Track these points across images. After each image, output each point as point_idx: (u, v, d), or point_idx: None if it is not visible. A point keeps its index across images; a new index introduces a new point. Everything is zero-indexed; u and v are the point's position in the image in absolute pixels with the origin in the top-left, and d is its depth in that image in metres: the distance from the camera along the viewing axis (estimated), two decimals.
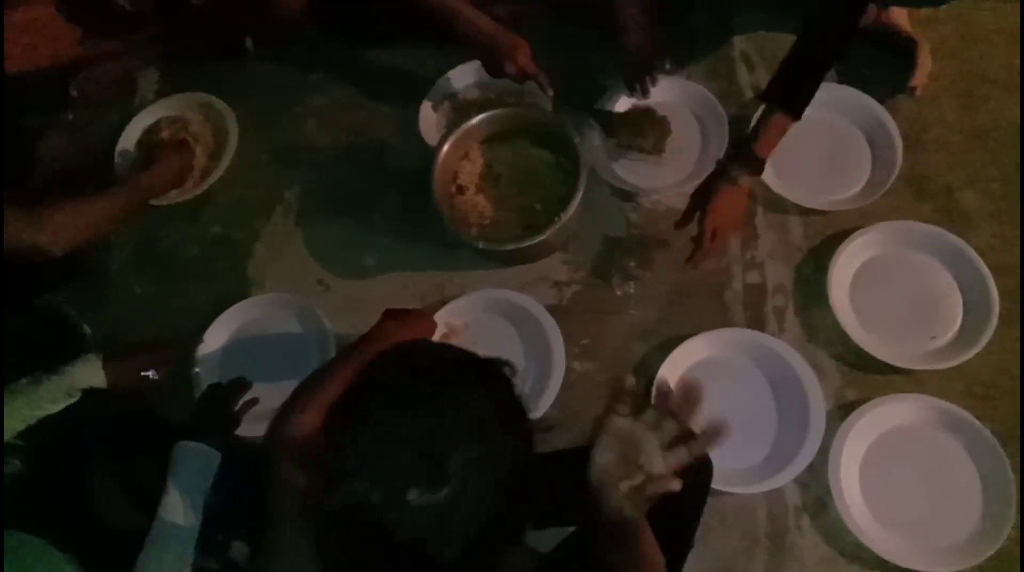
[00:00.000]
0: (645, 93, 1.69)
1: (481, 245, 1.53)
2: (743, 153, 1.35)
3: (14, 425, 1.21)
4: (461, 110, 1.78)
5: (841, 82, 1.69)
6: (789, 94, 1.32)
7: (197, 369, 1.56)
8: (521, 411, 0.78)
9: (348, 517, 0.69)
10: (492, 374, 0.79)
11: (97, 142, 1.85)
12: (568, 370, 1.52)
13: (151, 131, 1.79)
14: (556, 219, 1.49)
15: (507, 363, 0.80)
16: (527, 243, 1.51)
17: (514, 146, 1.65)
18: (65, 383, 1.24)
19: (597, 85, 1.77)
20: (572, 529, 1.20)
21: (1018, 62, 1.71)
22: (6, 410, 1.20)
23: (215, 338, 1.63)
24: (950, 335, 1.50)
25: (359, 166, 1.82)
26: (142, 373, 1.34)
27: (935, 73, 1.71)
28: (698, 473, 1.15)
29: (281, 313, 1.65)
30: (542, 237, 1.50)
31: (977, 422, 1.39)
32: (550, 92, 1.60)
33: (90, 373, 1.27)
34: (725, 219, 1.39)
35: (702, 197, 1.40)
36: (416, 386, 0.74)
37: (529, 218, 1.59)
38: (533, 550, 1.33)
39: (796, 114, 1.32)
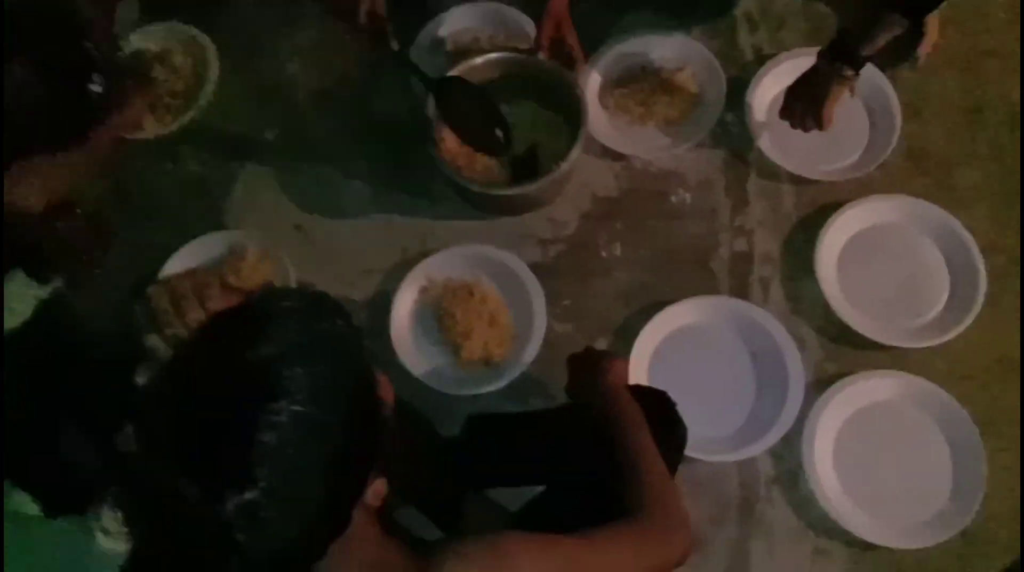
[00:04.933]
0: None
1: (475, 188, 1.50)
2: (852, 53, 1.33)
3: None
4: (452, 55, 1.72)
5: None
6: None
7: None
8: (364, 375, 0.67)
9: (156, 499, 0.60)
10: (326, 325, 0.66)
11: (66, 69, 1.76)
12: (548, 330, 1.49)
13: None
14: (553, 168, 1.46)
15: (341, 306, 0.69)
16: (521, 190, 1.49)
17: (509, 94, 1.60)
18: None
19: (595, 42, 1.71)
20: (542, 489, 1.19)
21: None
22: None
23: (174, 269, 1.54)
24: (935, 313, 1.48)
25: (343, 109, 1.76)
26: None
27: (941, 46, 1.66)
28: (672, 438, 1.15)
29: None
30: (536, 185, 1.47)
31: (955, 402, 1.39)
32: (395, 45, 1.54)
33: (15, 288, 1.21)
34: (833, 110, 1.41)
35: (812, 94, 1.40)
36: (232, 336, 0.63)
37: (518, 168, 1.57)
38: (501, 507, 1.33)
39: (916, 21, 1.31)
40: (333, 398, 0.63)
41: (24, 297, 1.22)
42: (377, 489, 0.68)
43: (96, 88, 1.69)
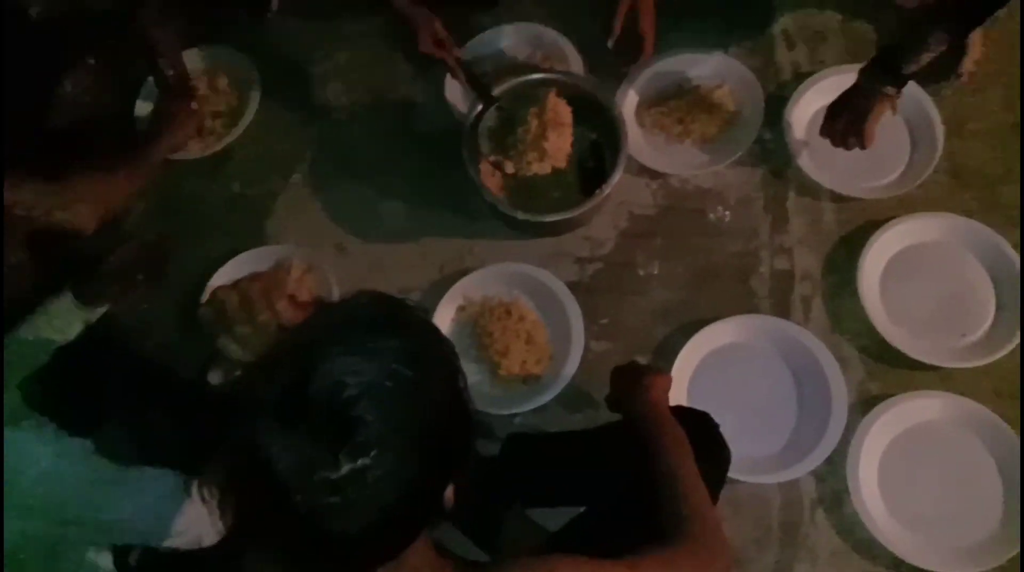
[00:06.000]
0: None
1: (520, 216, 1.50)
2: (894, 71, 1.33)
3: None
4: (490, 77, 1.73)
5: None
6: (959, 16, 1.26)
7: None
8: (448, 371, 0.71)
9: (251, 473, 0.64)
10: (413, 327, 0.71)
11: (119, 88, 1.81)
12: (586, 348, 1.49)
13: None
14: (597, 192, 1.47)
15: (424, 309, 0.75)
16: (567, 215, 1.49)
17: None
18: (41, 319, 1.22)
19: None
20: (582, 509, 1.18)
21: None
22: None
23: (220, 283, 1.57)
24: (981, 333, 1.46)
25: (382, 127, 1.78)
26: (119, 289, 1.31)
27: (983, 60, 1.64)
28: (715, 460, 1.14)
29: None
30: (583, 209, 1.48)
31: (1003, 423, 1.36)
32: (461, 77, 1.56)
33: (63, 307, 1.24)
34: (875, 127, 1.40)
35: (853, 111, 1.40)
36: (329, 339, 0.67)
37: (557, 189, 1.57)
38: (540, 526, 1.32)
39: (960, 38, 1.30)
40: (434, 387, 0.68)
41: (71, 319, 1.25)
42: (449, 496, 0.69)
43: (147, 107, 1.72)
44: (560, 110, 1.50)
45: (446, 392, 0.69)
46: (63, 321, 1.24)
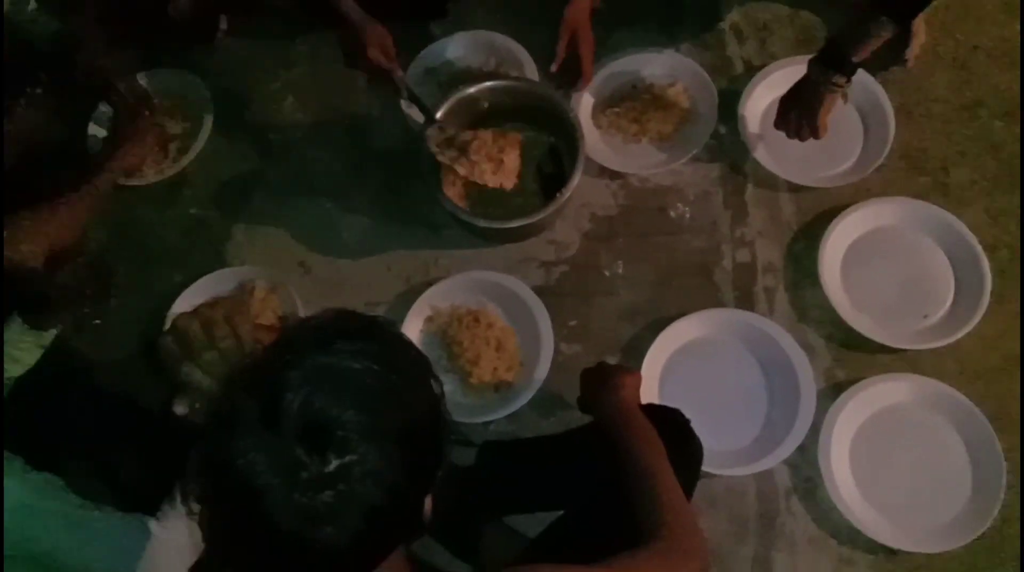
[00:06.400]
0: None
1: (481, 223, 1.49)
2: (843, 61, 1.34)
3: None
4: (444, 85, 1.73)
5: None
6: (902, 3, 1.28)
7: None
8: (422, 374, 0.72)
9: (225, 494, 0.63)
10: (384, 334, 0.72)
11: (69, 116, 1.78)
12: (556, 352, 1.49)
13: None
14: (557, 195, 1.46)
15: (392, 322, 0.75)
16: (530, 220, 1.48)
17: (503, 120, 1.61)
18: None
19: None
20: (560, 513, 1.18)
21: (1011, 33, 1.68)
22: None
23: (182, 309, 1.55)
24: (942, 313, 1.48)
25: (339, 144, 1.77)
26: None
27: (929, 45, 1.67)
28: (687, 456, 1.14)
29: None
30: (544, 213, 1.48)
31: (968, 402, 1.38)
32: (404, 92, 1.57)
33: (15, 333, 1.22)
34: (827, 117, 1.42)
35: (805, 103, 1.41)
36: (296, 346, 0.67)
37: (518, 196, 1.57)
38: (520, 534, 1.32)
39: (904, 24, 1.32)
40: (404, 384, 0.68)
41: (24, 345, 1.23)
42: (428, 507, 0.69)
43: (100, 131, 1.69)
44: (509, 136, 1.51)
45: (423, 395, 0.69)
46: (17, 349, 1.21)
